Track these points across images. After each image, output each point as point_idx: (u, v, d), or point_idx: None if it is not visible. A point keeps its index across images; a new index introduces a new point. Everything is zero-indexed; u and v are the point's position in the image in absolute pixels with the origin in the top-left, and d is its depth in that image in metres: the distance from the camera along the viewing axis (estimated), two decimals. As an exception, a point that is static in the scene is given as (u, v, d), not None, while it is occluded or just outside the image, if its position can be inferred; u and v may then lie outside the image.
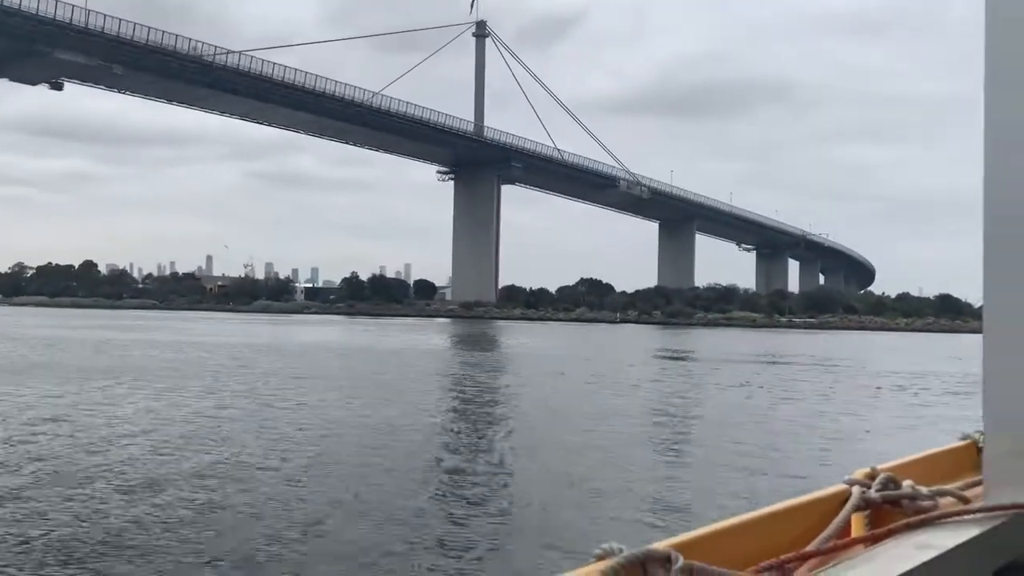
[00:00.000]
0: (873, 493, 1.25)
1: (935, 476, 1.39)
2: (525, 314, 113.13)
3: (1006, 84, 1.22)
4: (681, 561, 0.92)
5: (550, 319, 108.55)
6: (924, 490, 1.29)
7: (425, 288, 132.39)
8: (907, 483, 1.29)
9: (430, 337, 56.96)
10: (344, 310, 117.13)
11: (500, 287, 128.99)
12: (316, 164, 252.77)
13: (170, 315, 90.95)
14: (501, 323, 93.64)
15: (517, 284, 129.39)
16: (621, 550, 0.89)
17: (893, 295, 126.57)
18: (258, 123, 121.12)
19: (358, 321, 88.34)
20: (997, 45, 1.22)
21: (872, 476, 1.29)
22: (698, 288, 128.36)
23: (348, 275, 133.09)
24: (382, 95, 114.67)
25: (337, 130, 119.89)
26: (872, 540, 1.14)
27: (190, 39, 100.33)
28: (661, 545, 0.95)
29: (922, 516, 1.20)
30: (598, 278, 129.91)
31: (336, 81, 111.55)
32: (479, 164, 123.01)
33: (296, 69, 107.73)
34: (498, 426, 16.83)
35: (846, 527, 1.19)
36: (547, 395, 22.34)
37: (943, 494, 1.29)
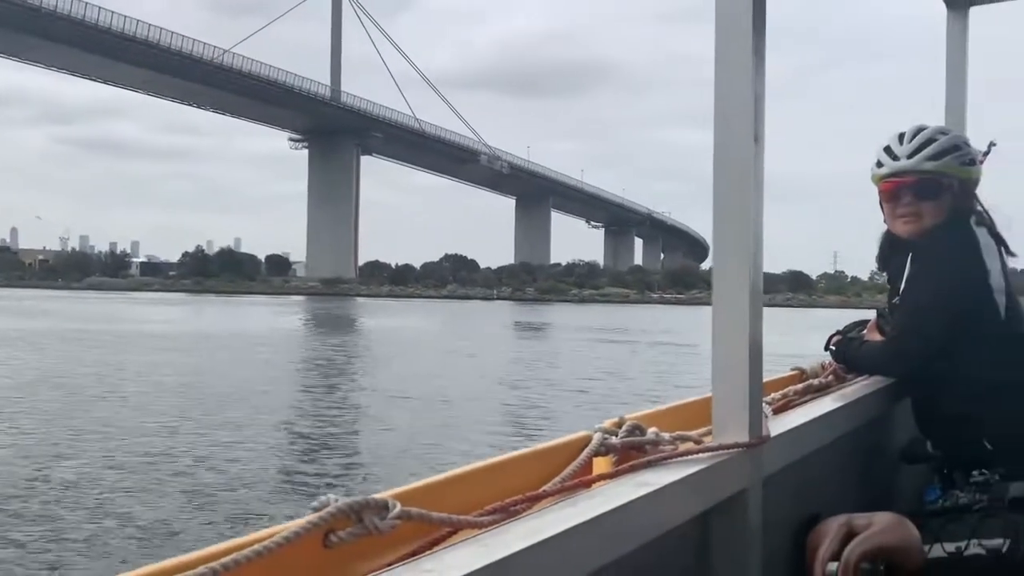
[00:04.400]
0: (614, 439, 1.31)
1: (681, 424, 1.46)
2: (393, 291, 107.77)
3: (729, 67, 1.30)
4: (398, 508, 0.93)
5: (420, 296, 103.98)
6: (667, 436, 1.35)
7: (277, 263, 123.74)
8: (652, 430, 1.35)
9: (292, 318, 51.59)
10: (190, 287, 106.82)
11: (361, 263, 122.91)
12: (139, 130, 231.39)
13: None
14: (369, 301, 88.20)
15: (377, 260, 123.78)
16: (338, 500, 0.90)
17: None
18: (89, 79, 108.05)
19: (210, 300, 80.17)
20: (722, 31, 1.30)
21: (620, 424, 1.35)
22: (559, 264, 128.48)
23: (178, 249, 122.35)
24: (232, 53, 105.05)
25: (179, 89, 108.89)
26: (605, 480, 1.17)
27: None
28: (382, 494, 0.95)
29: (650, 457, 1.25)
30: (462, 254, 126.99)
31: (182, 35, 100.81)
32: (336, 132, 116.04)
33: (138, 20, 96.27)
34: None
35: (583, 471, 1.22)
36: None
37: (684, 439, 1.36)
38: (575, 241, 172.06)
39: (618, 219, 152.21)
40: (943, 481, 2.00)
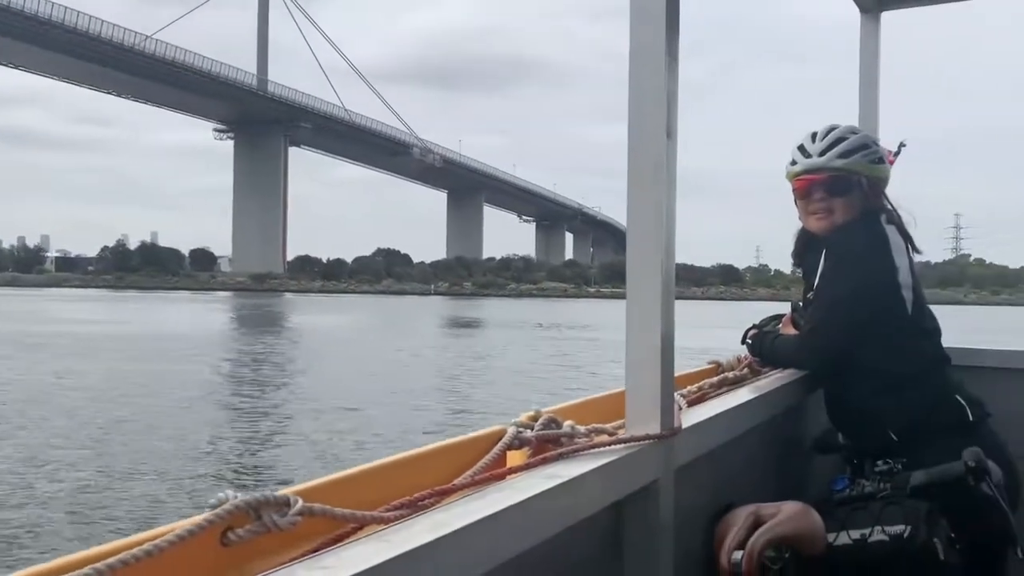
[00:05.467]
0: (529, 432, 1.30)
1: (597, 417, 1.47)
2: (325, 287, 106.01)
3: (643, 64, 1.31)
4: (300, 504, 0.91)
5: (354, 291, 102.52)
6: (582, 429, 1.36)
7: (202, 258, 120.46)
8: (568, 423, 1.36)
9: (229, 315, 50.40)
10: (111, 283, 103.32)
11: (290, 258, 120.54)
12: (46, 119, 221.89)
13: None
14: (301, 297, 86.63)
15: (308, 255, 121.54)
16: (236, 497, 0.88)
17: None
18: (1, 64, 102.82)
19: (135, 296, 77.66)
20: (637, 29, 1.32)
21: (536, 418, 1.36)
22: (494, 258, 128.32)
23: (90, 243, 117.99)
24: (155, 39, 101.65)
25: (96, 76, 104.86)
26: (517, 473, 1.16)
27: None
28: (283, 491, 0.93)
29: (562, 449, 1.25)
30: (395, 248, 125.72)
31: (101, 20, 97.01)
32: (263, 122, 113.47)
33: (53, 2, 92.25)
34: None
35: (496, 464, 1.22)
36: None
37: (599, 432, 1.38)
38: (507, 235, 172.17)
39: (550, 214, 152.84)
40: (853, 471, 2.04)
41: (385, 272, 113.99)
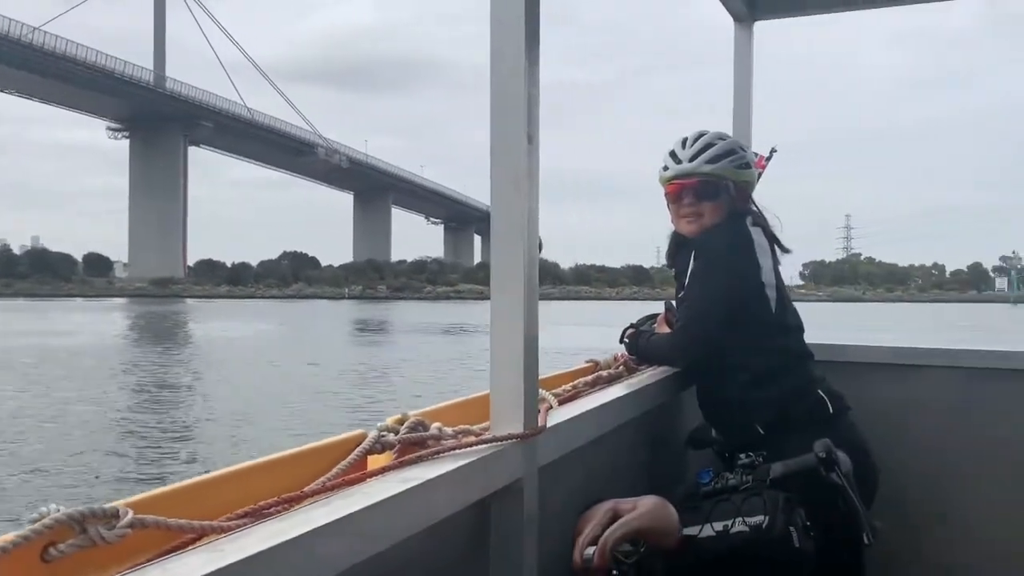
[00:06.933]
0: (392, 436, 1.28)
1: (468, 419, 1.46)
2: (232, 292, 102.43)
3: (503, 70, 1.33)
4: (130, 516, 0.87)
5: (262, 296, 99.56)
6: (449, 430, 1.34)
7: (96, 263, 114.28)
8: (435, 425, 1.34)
9: (124, 324, 48.35)
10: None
11: (191, 262, 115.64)
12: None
13: None
14: (205, 303, 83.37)
15: (211, 259, 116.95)
16: (59, 510, 0.84)
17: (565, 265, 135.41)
18: None
19: (23, 306, 73.16)
20: (496, 36, 1.34)
21: (402, 421, 1.34)
22: (404, 261, 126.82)
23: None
24: (42, 31, 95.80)
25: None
26: (374, 477, 1.13)
27: None
28: (115, 502, 0.89)
29: (422, 451, 1.24)
30: (301, 251, 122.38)
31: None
32: (161, 120, 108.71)
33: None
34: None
35: (355, 469, 1.19)
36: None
37: (466, 433, 1.37)
38: (414, 237, 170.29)
39: (458, 215, 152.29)
40: (725, 464, 2.06)
41: (293, 276, 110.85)
